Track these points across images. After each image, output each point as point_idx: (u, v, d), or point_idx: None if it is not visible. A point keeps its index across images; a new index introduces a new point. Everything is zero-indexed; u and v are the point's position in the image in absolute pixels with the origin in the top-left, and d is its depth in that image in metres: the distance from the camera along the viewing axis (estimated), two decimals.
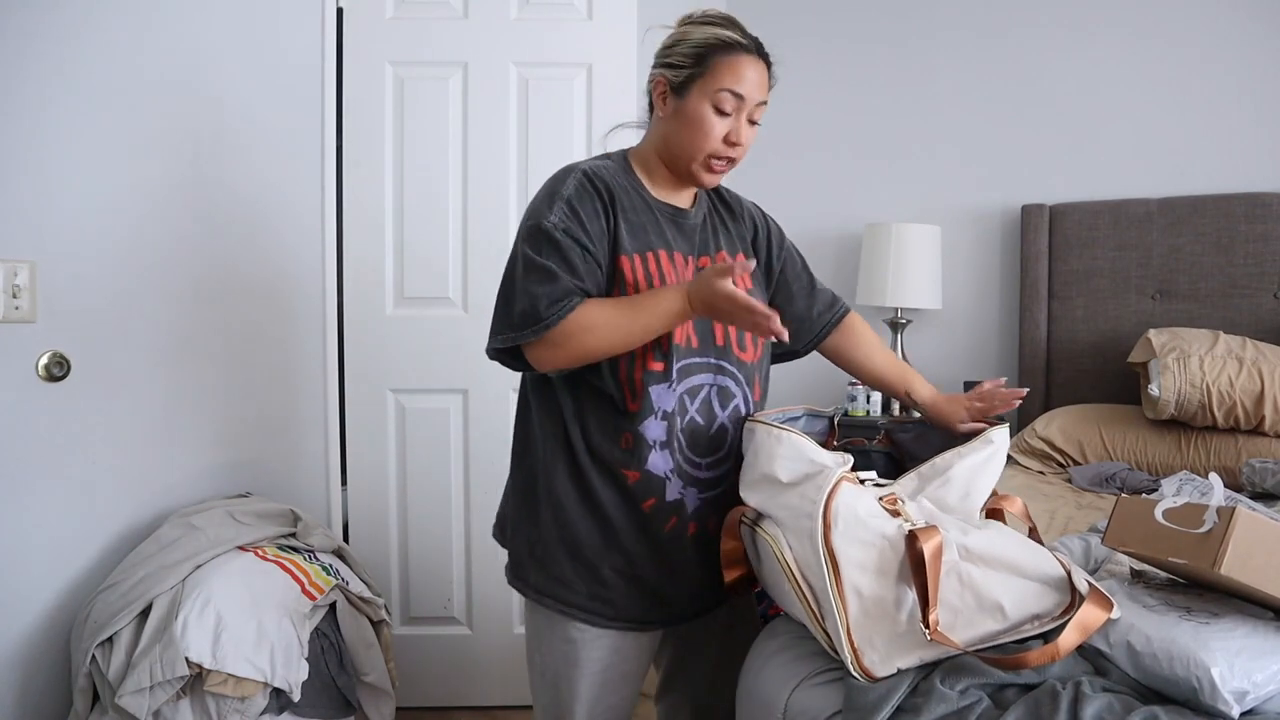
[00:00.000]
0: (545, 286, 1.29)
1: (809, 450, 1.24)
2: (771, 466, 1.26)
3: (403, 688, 2.26)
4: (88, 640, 1.83)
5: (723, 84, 1.33)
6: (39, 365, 1.96)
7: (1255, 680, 1.03)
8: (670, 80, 1.37)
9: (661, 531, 1.38)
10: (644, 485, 1.36)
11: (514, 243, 1.37)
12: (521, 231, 1.36)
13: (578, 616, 1.39)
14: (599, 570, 1.38)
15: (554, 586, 1.40)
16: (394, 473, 2.48)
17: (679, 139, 1.38)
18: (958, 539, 1.17)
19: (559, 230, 1.31)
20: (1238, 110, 2.84)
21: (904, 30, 3.23)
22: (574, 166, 1.41)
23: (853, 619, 1.15)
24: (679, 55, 1.36)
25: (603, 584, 1.39)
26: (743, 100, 1.35)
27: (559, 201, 1.34)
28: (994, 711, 1.08)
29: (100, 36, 2.04)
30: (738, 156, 1.39)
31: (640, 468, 1.35)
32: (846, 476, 1.21)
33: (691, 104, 1.35)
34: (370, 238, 2.43)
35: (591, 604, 1.39)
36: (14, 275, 1.91)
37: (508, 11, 2.43)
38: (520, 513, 1.45)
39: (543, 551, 1.41)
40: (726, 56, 1.34)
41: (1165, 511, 1.17)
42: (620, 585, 1.39)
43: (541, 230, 1.32)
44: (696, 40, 1.35)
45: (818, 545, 1.16)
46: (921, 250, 3.01)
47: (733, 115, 1.35)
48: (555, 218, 1.32)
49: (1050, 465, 2.66)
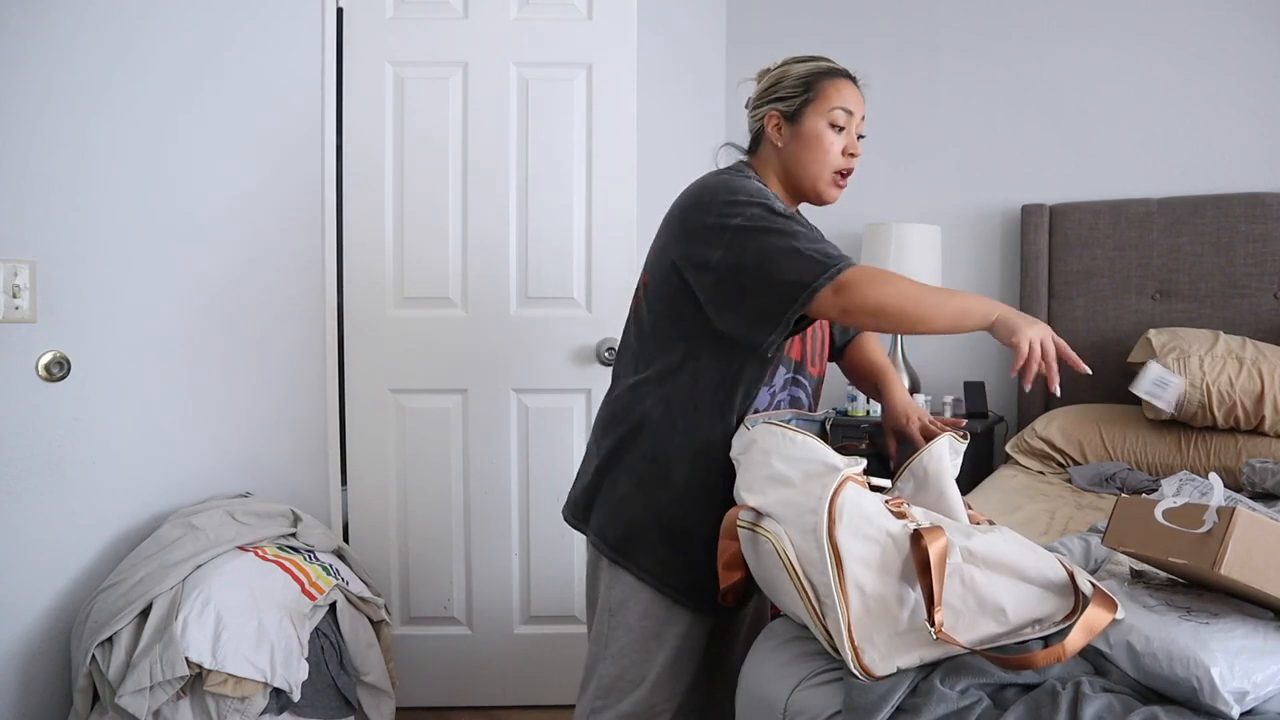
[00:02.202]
0: (811, 244, 1.34)
1: (821, 452, 1.26)
2: (783, 467, 1.27)
3: (403, 688, 2.26)
4: (88, 640, 1.83)
5: (833, 103, 1.48)
6: (39, 365, 1.96)
7: (1255, 680, 1.03)
8: (783, 112, 1.50)
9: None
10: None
11: (735, 226, 1.37)
12: (748, 208, 1.38)
13: (669, 594, 1.48)
14: (697, 555, 1.44)
15: (647, 562, 1.49)
16: (394, 473, 2.48)
17: (802, 160, 1.50)
18: (961, 542, 1.17)
19: (779, 207, 1.40)
20: (1238, 110, 2.84)
21: (904, 30, 3.23)
22: (729, 172, 1.50)
23: (854, 616, 1.15)
24: (786, 89, 1.50)
25: (693, 569, 1.46)
26: (851, 115, 1.49)
27: (754, 183, 1.45)
28: (994, 711, 1.08)
29: (99, 36, 2.04)
30: (854, 167, 1.52)
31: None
32: (854, 477, 1.22)
33: (808, 126, 1.49)
34: (370, 238, 2.43)
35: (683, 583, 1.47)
36: (14, 275, 1.92)
37: (508, 11, 2.43)
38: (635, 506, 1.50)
39: (634, 530, 1.49)
40: (831, 80, 1.49)
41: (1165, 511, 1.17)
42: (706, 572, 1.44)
43: (769, 208, 1.38)
44: (800, 73, 1.50)
45: (822, 540, 1.17)
46: (921, 250, 3.01)
47: (845, 130, 1.49)
48: (770, 200, 1.40)
49: (1050, 465, 2.66)
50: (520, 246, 2.45)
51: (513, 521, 2.50)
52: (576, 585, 2.50)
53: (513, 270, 2.45)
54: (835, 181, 1.51)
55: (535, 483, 2.48)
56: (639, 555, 1.49)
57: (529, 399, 2.48)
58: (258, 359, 2.33)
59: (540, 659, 2.51)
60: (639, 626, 1.49)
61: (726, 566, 1.34)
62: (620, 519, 1.52)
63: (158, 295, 2.16)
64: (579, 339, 2.46)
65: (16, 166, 1.93)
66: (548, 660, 2.50)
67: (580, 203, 2.45)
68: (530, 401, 2.48)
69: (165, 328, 2.17)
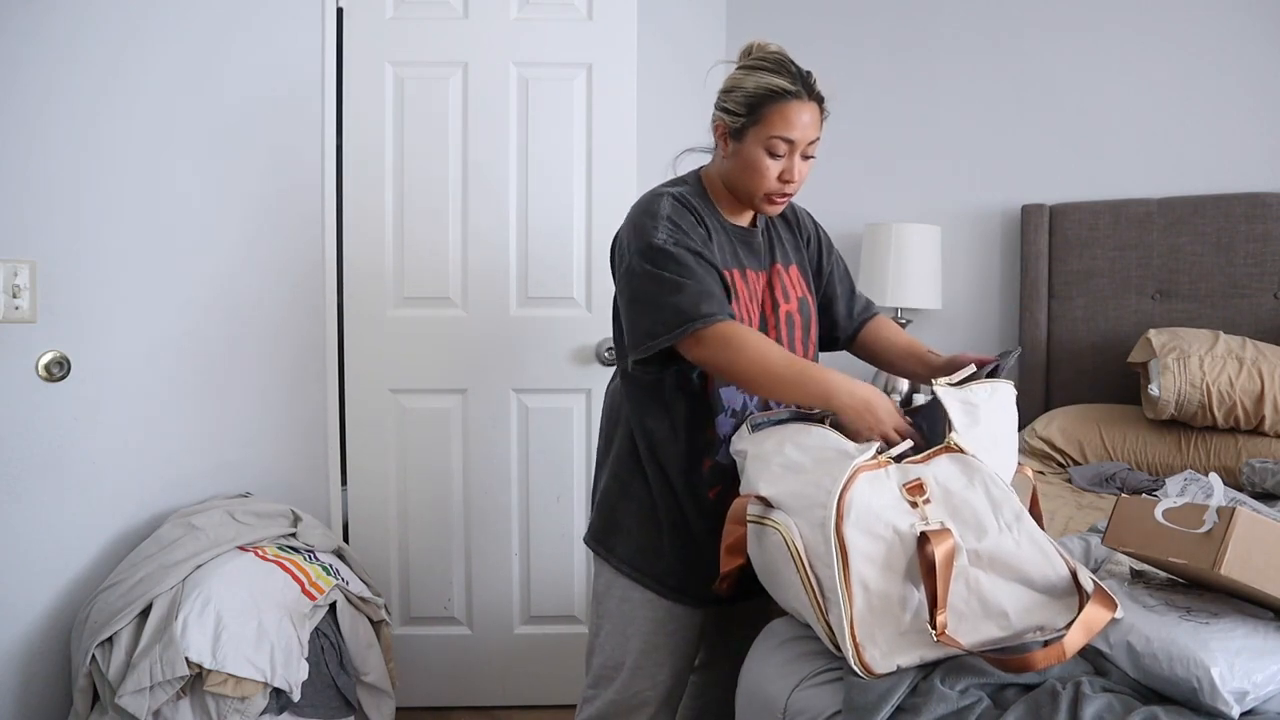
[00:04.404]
0: (678, 296, 1.39)
1: (833, 439, 1.28)
2: (796, 454, 1.28)
3: (403, 688, 2.26)
4: (88, 640, 1.83)
5: (774, 131, 1.44)
6: (39, 365, 1.97)
7: (1255, 680, 1.03)
8: (728, 124, 1.49)
9: (719, 511, 1.45)
10: (714, 473, 1.50)
11: (624, 269, 1.49)
12: (631, 255, 1.47)
13: (642, 582, 1.55)
14: (667, 542, 1.53)
15: (625, 552, 1.57)
16: (394, 473, 2.48)
17: (739, 179, 1.51)
18: (971, 544, 1.16)
19: (670, 244, 1.42)
20: (1238, 110, 2.84)
21: (904, 30, 3.23)
22: (660, 191, 1.53)
23: (857, 612, 1.15)
24: (734, 103, 1.47)
25: (662, 556, 1.54)
26: (794, 144, 1.46)
27: (660, 220, 1.46)
28: (994, 711, 1.08)
29: (99, 37, 2.04)
30: (793, 191, 1.51)
31: (713, 458, 1.50)
32: (867, 466, 1.21)
33: (747, 149, 1.47)
34: (370, 238, 2.43)
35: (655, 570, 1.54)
36: (14, 275, 1.92)
37: (508, 11, 2.42)
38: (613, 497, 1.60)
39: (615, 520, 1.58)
40: (777, 105, 1.44)
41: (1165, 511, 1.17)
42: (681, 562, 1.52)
43: (654, 247, 1.43)
44: (748, 90, 1.45)
45: (829, 534, 1.17)
46: (921, 250, 3.01)
47: (785, 157, 1.47)
48: (663, 235, 1.43)
49: (1050, 465, 2.66)
50: (520, 246, 2.45)
51: (513, 521, 2.50)
52: (576, 585, 2.50)
53: (513, 270, 2.45)
54: (770, 200, 1.51)
55: (535, 483, 2.48)
56: (616, 545, 1.58)
57: (529, 399, 2.48)
58: (258, 359, 2.33)
59: (540, 659, 2.51)
60: (617, 613, 1.56)
61: (729, 551, 1.33)
62: (601, 511, 1.62)
63: (158, 295, 2.16)
64: (579, 339, 2.46)
65: (16, 166, 1.93)
66: (548, 660, 2.50)
67: (580, 203, 2.45)
68: (530, 401, 2.48)
69: (165, 328, 2.17)
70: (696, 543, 1.52)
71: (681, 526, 1.53)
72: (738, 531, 1.33)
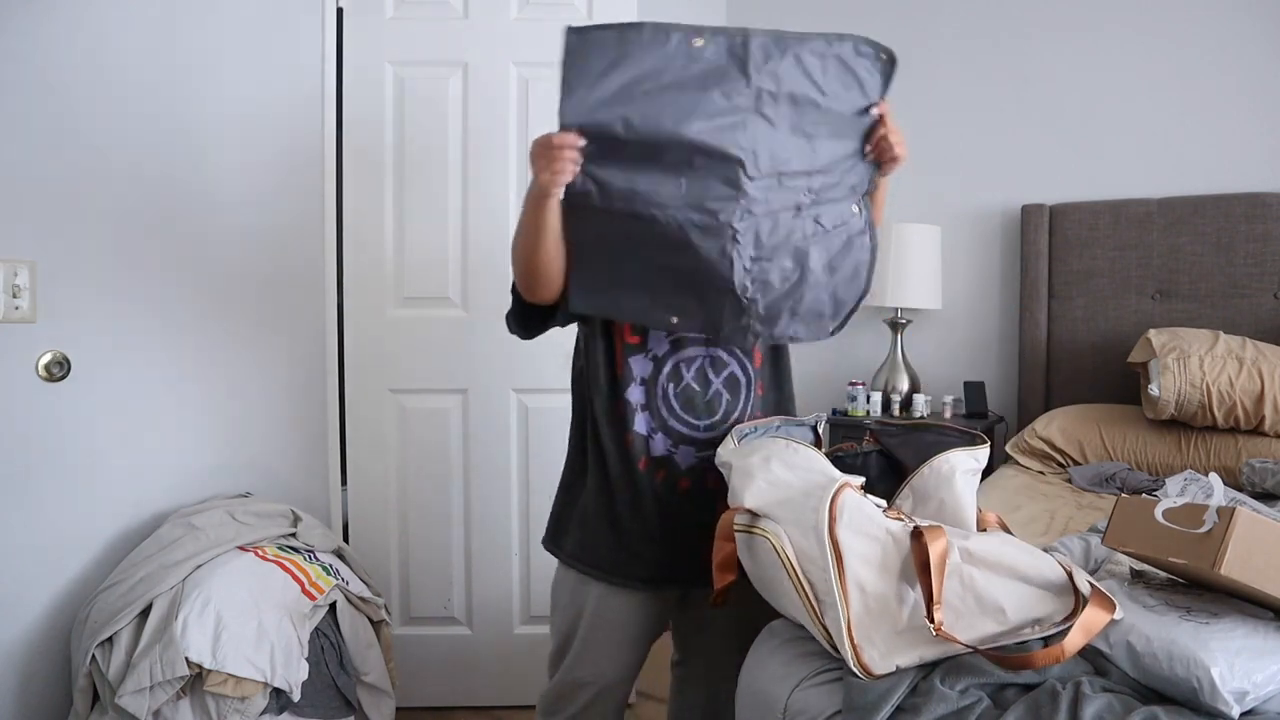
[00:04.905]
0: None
1: (821, 463, 1.29)
2: (783, 472, 1.28)
3: (403, 688, 2.26)
4: (88, 640, 1.83)
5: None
6: (39, 365, 1.96)
7: (1255, 680, 1.03)
8: None
9: (655, 484, 1.52)
10: (637, 446, 1.52)
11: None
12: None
13: (587, 571, 1.58)
14: (604, 532, 1.55)
15: (571, 546, 1.61)
16: (394, 473, 2.48)
17: None
18: (960, 542, 1.17)
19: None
20: (1238, 110, 2.84)
21: (904, 31, 3.23)
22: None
23: (854, 614, 1.15)
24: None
25: (602, 542, 1.56)
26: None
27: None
28: (994, 711, 1.08)
29: (99, 37, 2.04)
30: None
31: (630, 429, 1.52)
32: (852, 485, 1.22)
33: None
34: (370, 238, 2.43)
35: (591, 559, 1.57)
36: (14, 275, 1.92)
37: (508, 11, 2.42)
38: (559, 501, 1.67)
39: (564, 517, 1.63)
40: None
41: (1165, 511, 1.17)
42: (618, 544, 1.54)
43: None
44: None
45: (822, 537, 1.17)
46: (921, 250, 3.01)
47: None
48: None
49: (1050, 465, 2.66)
50: None
51: (513, 521, 2.50)
52: None
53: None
54: None
55: (535, 483, 2.48)
56: (564, 542, 1.63)
57: (529, 399, 2.48)
58: (258, 359, 2.33)
59: (540, 659, 2.49)
60: (563, 604, 1.63)
61: (720, 567, 1.34)
62: (551, 514, 1.68)
63: (158, 295, 2.16)
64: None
65: (16, 166, 1.93)
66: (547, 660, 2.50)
67: None
68: (530, 401, 2.48)
69: (165, 328, 2.17)
70: (633, 525, 1.54)
71: (618, 511, 1.54)
72: (726, 548, 1.33)
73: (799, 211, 1.39)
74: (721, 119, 1.30)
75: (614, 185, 1.33)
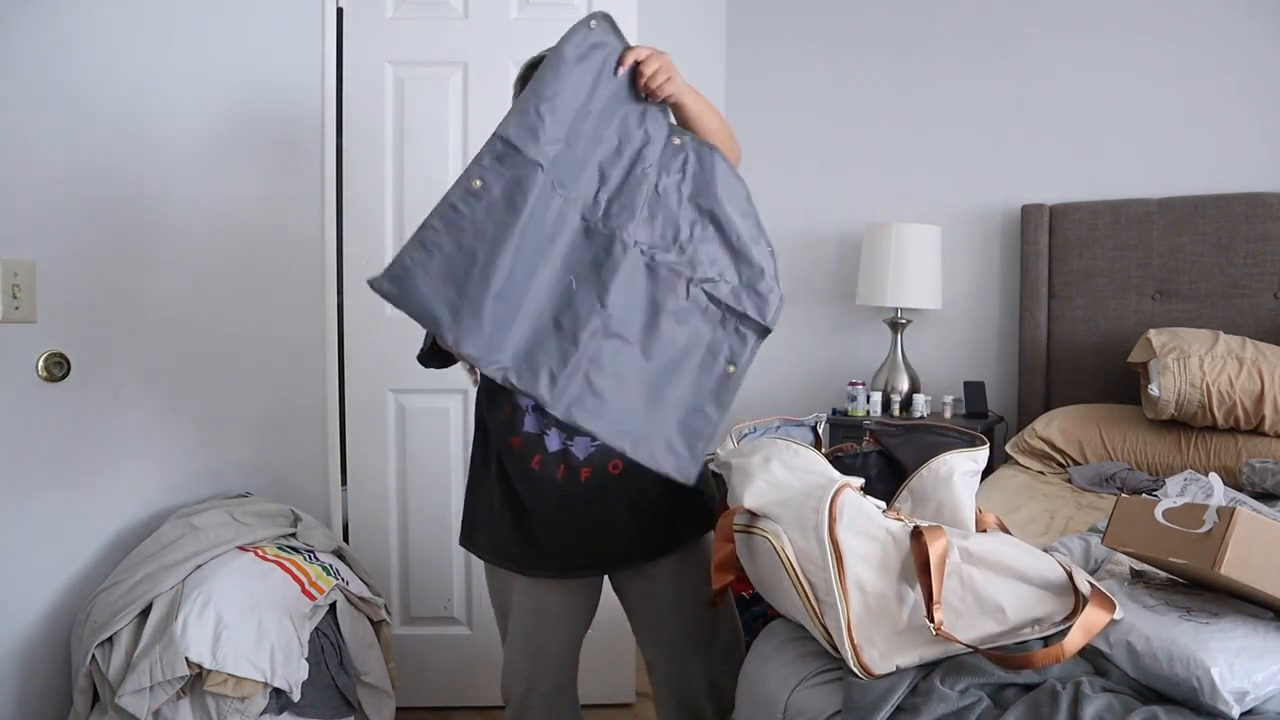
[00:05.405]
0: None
1: (821, 465, 1.29)
2: (783, 474, 1.28)
3: (403, 688, 2.26)
4: (88, 640, 1.83)
5: None
6: (39, 365, 1.96)
7: (1255, 680, 1.03)
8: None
9: (554, 480, 1.54)
10: (527, 446, 1.55)
11: None
12: None
13: (502, 565, 1.65)
14: (511, 527, 1.60)
15: (483, 541, 1.68)
16: (394, 473, 2.48)
17: None
18: (959, 542, 1.17)
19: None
20: (1238, 110, 2.84)
21: (904, 31, 3.23)
22: None
23: (854, 614, 1.15)
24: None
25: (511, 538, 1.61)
26: None
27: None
28: (994, 711, 1.08)
29: (99, 37, 2.04)
30: None
31: (520, 432, 1.55)
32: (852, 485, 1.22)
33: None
34: (370, 238, 2.43)
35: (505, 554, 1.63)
36: (14, 275, 1.92)
37: (508, 11, 2.42)
38: (468, 503, 1.74)
39: (472, 515, 1.70)
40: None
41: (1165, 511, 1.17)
42: (525, 539, 1.60)
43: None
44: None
45: (822, 537, 1.17)
46: (921, 250, 3.01)
47: None
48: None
49: (1050, 465, 2.66)
50: None
51: None
52: None
53: None
54: None
55: None
56: (475, 538, 1.70)
57: None
58: (257, 359, 2.33)
59: None
60: (494, 591, 1.70)
61: (719, 567, 1.34)
62: (463, 515, 1.74)
63: (157, 295, 2.16)
64: None
65: (16, 166, 1.93)
66: None
67: None
68: None
69: (165, 328, 2.17)
70: (537, 519, 1.58)
71: (522, 507, 1.59)
72: (726, 548, 1.34)
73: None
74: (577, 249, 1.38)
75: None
